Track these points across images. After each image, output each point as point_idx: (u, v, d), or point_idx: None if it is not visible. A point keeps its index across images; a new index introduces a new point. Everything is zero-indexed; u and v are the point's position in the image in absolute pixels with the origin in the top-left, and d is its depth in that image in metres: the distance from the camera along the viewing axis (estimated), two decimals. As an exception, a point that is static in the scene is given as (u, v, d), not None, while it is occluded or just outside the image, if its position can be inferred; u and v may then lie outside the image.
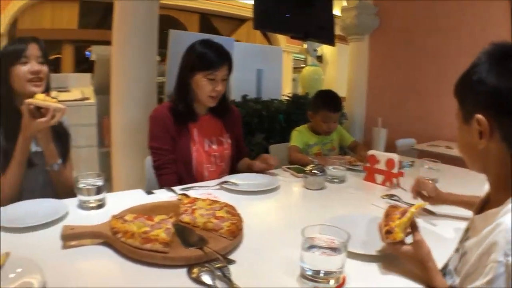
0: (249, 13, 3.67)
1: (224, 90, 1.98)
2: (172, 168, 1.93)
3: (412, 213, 1.04)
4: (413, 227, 1.05)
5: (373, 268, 1.05)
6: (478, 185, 1.11)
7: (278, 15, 3.79)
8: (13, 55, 1.60)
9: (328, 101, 2.59)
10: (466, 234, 0.98)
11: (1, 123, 1.61)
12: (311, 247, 0.95)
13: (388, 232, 1.03)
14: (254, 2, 3.59)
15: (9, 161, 1.56)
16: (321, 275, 0.92)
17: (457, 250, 1.00)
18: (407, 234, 1.04)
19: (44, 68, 1.66)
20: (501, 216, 0.80)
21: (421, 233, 1.03)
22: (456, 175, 2.10)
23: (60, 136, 1.79)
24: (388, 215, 1.10)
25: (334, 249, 0.94)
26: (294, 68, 11.41)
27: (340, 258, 0.93)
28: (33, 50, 1.63)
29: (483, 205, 0.99)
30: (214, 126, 2.07)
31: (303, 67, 6.27)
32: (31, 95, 1.53)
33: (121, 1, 2.90)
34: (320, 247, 0.95)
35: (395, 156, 1.87)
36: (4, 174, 1.55)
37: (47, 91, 1.68)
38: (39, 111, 1.53)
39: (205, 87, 1.90)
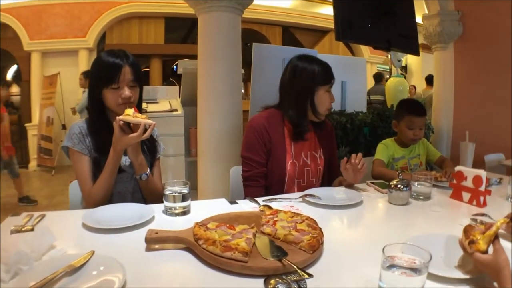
0: (331, 24, 3.64)
1: None
2: (261, 181, 1.96)
3: (497, 227, 1.03)
4: (494, 237, 1.03)
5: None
6: None
7: (360, 26, 3.72)
8: (106, 79, 1.64)
9: (411, 106, 2.54)
10: None
11: (93, 135, 1.72)
12: (391, 266, 0.92)
13: (472, 242, 1.04)
14: (334, 13, 3.56)
15: (99, 170, 1.66)
16: (399, 295, 0.89)
17: None
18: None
19: (135, 92, 1.71)
20: None
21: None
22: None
23: (150, 146, 1.89)
24: (467, 231, 1.10)
25: (414, 270, 0.90)
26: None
27: (420, 279, 0.89)
28: (125, 74, 1.65)
29: None
30: (309, 141, 2.07)
31: (387, 78, 6.12)
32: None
33: (204, 16, 3.03)
34: (400, 267, 0.91)
35: (482, 173, 1.74)
36: (96, 182, 1.66)
37: (138, 106, 1.75)
38: (129, 126, 1.62)
39: (326, 100, 1.97)
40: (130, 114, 1.59)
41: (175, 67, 11.18)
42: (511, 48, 3.88)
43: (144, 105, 4.08)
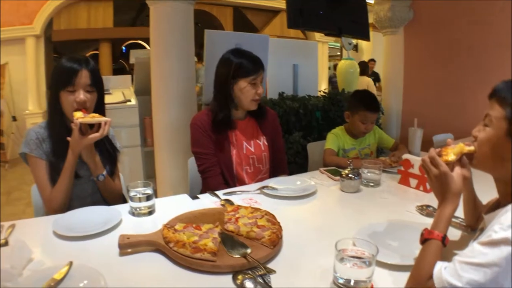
0: (282, 5, 3.68)
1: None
2: (217, 170, 2.05)
3: (462, 147, 1.13)
4: (463, 165, 1.14)
5: (400, 276, 1.09)
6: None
7: (311, 13, 3.79)
8: (62, 82, 1.64)
9: (367, 101, 2.52)
10: (480, 233, 1.04)
11: (52, 138, 1.71)
12: (344, 258, 1.04)
13: (439, 155, 1.14)
14: (287, 1, 3.62)
15: (57, 175, 1.67)
16: (352, 284, 1.02)
17: None
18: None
19: (92, 97, 1.70)
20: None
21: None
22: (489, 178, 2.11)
23: (108, 149, 1.89)
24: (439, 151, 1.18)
25: (364, 261, 1.03)
26: (330, 56, 11.42)
27: (369, 269, 1.02)
28: (82, 78, 1.64)
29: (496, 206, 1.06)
30: (251, 129, 2.18)
31: (338, 55, 6.31)
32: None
33: (156, 6, 2.99)
34: (352, 257, 1.04)
35: None
36: (55, 187, 1.67)
37: (101, 111, 1.75)
38: (83, 127, 1.64)
39: (249, 92, 2.03)
40: (81, 116, 1.60)
41: (123, 48, 10.95)
42: (458, 33, 4.10)
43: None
